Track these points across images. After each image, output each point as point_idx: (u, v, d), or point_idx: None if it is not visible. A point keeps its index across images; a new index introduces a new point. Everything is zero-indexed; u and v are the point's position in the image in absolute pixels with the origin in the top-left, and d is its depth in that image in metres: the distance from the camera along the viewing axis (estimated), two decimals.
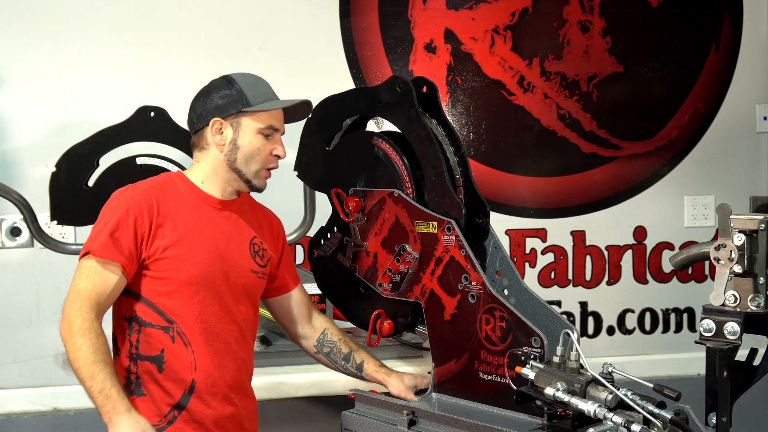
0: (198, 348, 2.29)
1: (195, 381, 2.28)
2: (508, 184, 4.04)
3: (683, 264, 2.31)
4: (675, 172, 4.18)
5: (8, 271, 3.60)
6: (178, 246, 2.25)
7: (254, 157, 2.33)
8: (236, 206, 2.43)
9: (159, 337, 2.27)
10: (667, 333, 4.19)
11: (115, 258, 2.19)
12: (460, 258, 2.28)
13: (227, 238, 2.37)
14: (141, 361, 2.27)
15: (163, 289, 2.25)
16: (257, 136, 2.32)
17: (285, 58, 3.80)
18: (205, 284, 2.28)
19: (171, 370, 2.27)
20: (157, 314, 2.26)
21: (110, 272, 2.19)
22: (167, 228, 2.25)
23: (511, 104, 4.02)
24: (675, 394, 1.90)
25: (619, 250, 4.15)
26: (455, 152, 2.41)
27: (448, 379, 2.34)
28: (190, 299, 2.27)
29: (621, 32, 4.07)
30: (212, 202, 2.37)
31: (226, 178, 2.36)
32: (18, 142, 3.56)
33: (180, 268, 2.25)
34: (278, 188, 3.30)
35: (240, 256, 2.39)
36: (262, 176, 2.36)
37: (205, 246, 2.30)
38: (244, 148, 2.32)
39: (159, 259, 2.24)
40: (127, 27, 3.65)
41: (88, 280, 2.19)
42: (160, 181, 2.36)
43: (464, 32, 3.95)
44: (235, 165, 2.33)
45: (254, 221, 2.49)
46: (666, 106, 4.16)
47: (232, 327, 2.37)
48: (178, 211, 2.29)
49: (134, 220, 2.21)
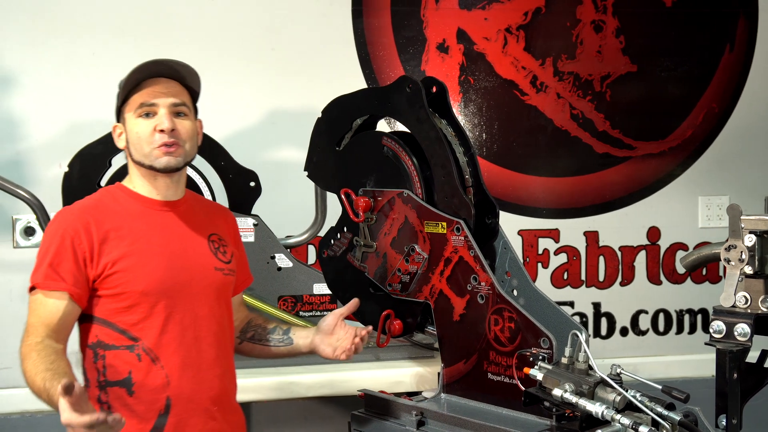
0: (168, 362, 2.14)
1: (170, 399, 2.13)
2: (520, 185, 4.02)
3: (694, 265, 2.30)
4: (689, 173, 4.15)
5: (23, 270, 3.57)
6: (128, 257, 2.12)
7: (138, 143, 2.17)
8: (184, 205, 2.29)
9: (125, 359, 2.11)
10: (681, 334, 4.16)
11: (59, 286, 2.06)
12: (469, 258, 2.28)
13: (180, 239, 2.23)
14: (110, 388, 2.12)
15: (120, 306, 2.11)
16: (137, 121, 2.17)
17: (297, 59, 3.80)
18: (165, 292, 2.14)
19: (142, 392, 2.11)
20: (118, 334, 2.11)
21: (56, 300, 2.07)
22: (112, 242, 2.12)
23: (524, 104, 4.00)
24: (683, 395, 1.89)
25: (633, 250, 4.13)
26: (465, 152, 2.41)
27: (457, 379, 2.34)
28: (151, 311, 2.12)
29: (635, 32, 4.05)
30: (155, 204, 2.23)
31: (143, 174, 2.22)
32: (32, 143, 3.57)
33: (134, 280, 2.11)
34: (289, 188, 3.34)
35: (199, 255, 2.25)
36: (156, 156, 2.16)
37: (157, 252, 2.16)
38: (131, 139, 2.19)
39: (110, 275, 2.10)
40: (140, 27, 3.65)
41: (35, 314, 2.08)
42: (97, 196, 2.26)
43: (477, 32, 3.94)
44: (134, 158, 2.20)
45: (208, 217, 2.36)
46: (680, 105, 4.13)
47: (205, 333, 2.21)
48: (122, 223, 2.16)
49: (71, 243, 2.08)
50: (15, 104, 3.57)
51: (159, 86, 2.20)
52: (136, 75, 2.17)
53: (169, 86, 2.22)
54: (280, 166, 3.67)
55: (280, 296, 3.15)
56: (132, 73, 2.17)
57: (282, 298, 3.15)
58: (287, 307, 3.14)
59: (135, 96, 2.19)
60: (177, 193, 2.27)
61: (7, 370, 3.55)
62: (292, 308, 3.15)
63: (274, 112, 3.79)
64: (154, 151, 2.16)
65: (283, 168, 3.63)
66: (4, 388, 3.54)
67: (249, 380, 2.95)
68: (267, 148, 3.79)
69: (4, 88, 3.55)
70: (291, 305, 3.15)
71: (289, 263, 3.16)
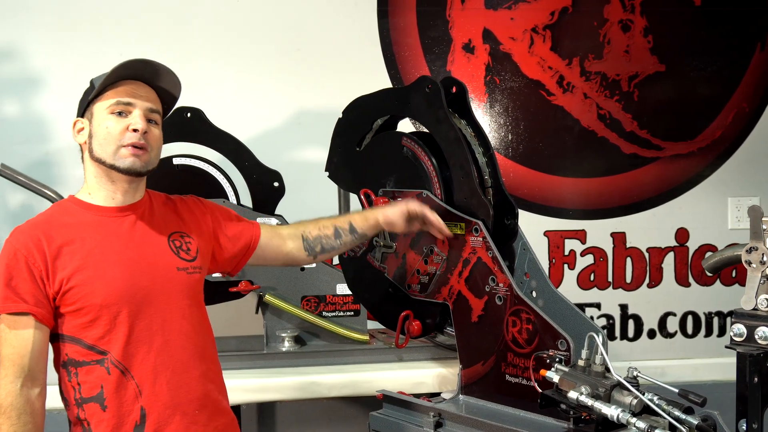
0: (138, 371, 2.08)
1: (144, 408, 2.08)
2: (547, 185, 4.00)
3: (715, 267, 2.27)
4: (719, 173, 4.10)
5: None
6: (83, 271, 2.04)
7: (107, 138, 2.08)
8: (142, 208, 2.20)
9: (96, 374, 2.05)
10: (710, 337, 4.11)
11: (20, 308, 2.00)
12: (487, 259, 2.27)
13: (138, 244, 2.14)
14: (86, 405, 2.05)
15: (83, 321, 2.04)
16: (108, 117, 2.08)
17: (322, 59, 3.82)
18: (126, 300, 2.06)
19: (114, 405, 2.05)
20: (86, 350, 2.05)
21: (23, 327, 2.00)
22: (65, 257, 2.04)
23: (551, 104, 3.98)
24: (700, 399, 1.86)
25: (661, 252, 4.08)
26: (484, 152, 2.40)
27: (476, 381, 2.33)
28: (114, 322, 2.05)
29: (663, 31, 4.01)
30: (109, 212, 2.14)
31: (102, 175, 2.12)
32: (60, 143, 3.62)
33: (92, 293, 2.03)
34: (314, 188, 3.34)
35: (159, 258, 2.16)
36: (123, 155, 2.08)
37: (113, 261, 2.08)
38: (97, 133, 2.09)
39: (67, 291, 2.03)
40: (166, 28, 3.69)
41: (6, 344, 2.00)
42: (49, 212, 2.17)
43: (503, 32, 3.92)
44: (95, 154, 2.10)
45: (169, 216, 2.26)
46: (709, 105, 4.08)
47: (176, 336, 2.14)
48: (74, 235, 2.08)
49: (25, 262, 2.01)
50: (43, 105, 3.62)
51: (138, 89, 2.14)
52: (120, 71, 2.10)
53: (147, 91, 2.16)
54: (306, 166, 3.68)
55: (303, 296, 3.15)
56: (118, 67, 2.10)
57: (305, 298, 3.15)
58: (310, 307, 3.15)
59: (111, 92, 2.11)
60: (135, 196, 2.18)
61: None
62: (315, 308, 3.15)
63: (299, 112, 3.80)
64: (122, 150, 2.08)
65: (309, 168, 3.63)
66: None
67: (271, 380, 2.97)
68: (292, 149, 3.80)
69: (32, 90, 3.61)
70: (314, 305, 3.16)
71: (312, 264, 3.16)
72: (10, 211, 3.59)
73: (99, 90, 2.10)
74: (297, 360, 3.11)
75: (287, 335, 3.12)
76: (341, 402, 3.38)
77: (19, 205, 3.58)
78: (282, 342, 3.12)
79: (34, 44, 3.61)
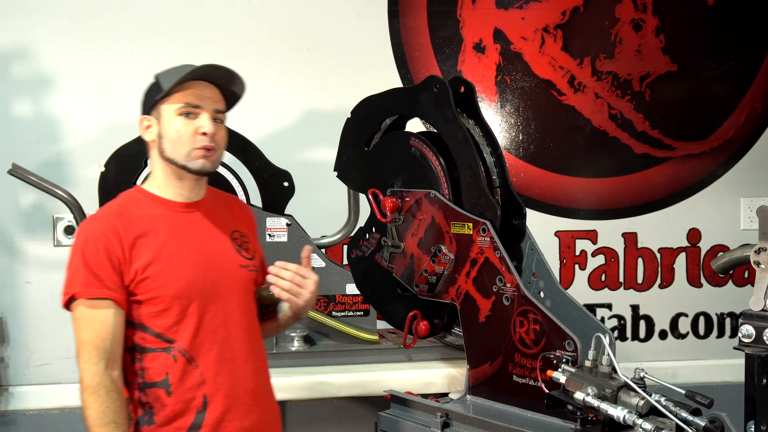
0: (203, 361, 2.16)
1: (206, 397, 2.16)
2: (557, 185, 3.99)
3: (725, 268, 2.26)
4: (731, 173, 4.09)
5: (63, 268, 3.64)
6: (158, 262, 2.12)
7: (177, 140, 2.15)
8: (206, 204, 2.28)
9: (161, 360, 2.13)
10: (722, 338, 4.09)
11: (102, 293, 2.06)
12: (494, 260, 2.26)
13: (206, 240, 2.23)
14: (149, 389, 2.14)
15: (154, 310, 2.12)
16: (177, 118, 2.15)
17: (333, 59, 3.81)
18: (196, 293, 2.15)
19: (179, 391, 2.14)
20: (155, 337, 2.13)
21: (104, 310, 2.07)
22: (140, 247, 2.12)
23: (562, 104, 3.97)
24: (707, 401, 1.85)
25: (672, 252, 4.06)
26: (492, 152, 2.40)
27: (483, 381, 2.33)
28: (184, 313, 2.14)
29: (675, 30, 3.99)
30: (178, 207, 2.23)
31: (172, 173, 2.20)
32: (71, 143, 3.63)
33: (165, 284, 2.12)
34: (323, 188, 3.35)
35: (224, 254, 2.25)
36: (194, 156, 2.16)
37: (185, 254, 2.17)
38: (167, 134, 2.16)
39: (142, 281, 2.11)
40: (177, 28, 3.70)
41: (87, 328, 2.07)
42: (121, 202, 2.23)
43: (514, 32, 3.92)
44: (165, 154, 2.17)
45: (229, 214, 2.35)
46: (722, 105, 4.07)
47: (236, 330, 2.22)
48: (147, 227, 2.16)
49: (105, 249, 2.07)
50: (55, 105, 3.63)
51: (206, 90, 2.20)
52: (191, 75, 2.16)
53: (213, 92, 2.22)
54: (316, 166, 3.67)
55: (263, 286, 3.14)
56: (188, 72, 2.16)
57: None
58: (320, 307, 3.15)
59: (179, 94, 2.17)
60: (199, 193, 2.27)
61: (47, 367, 3.62)
62: (325, 308, 3.16)
63: (309, 112, 3.81)
64: (194, 152, 2.15)
65: (319, 168, 3.63)
66: (44, 383, 3.60)
67: (280, 380, 2.95)
68: (302, 149, 3.81)
69: (44, 90, 3.62)
70: (324, 305, 3.16)
71: (322, 263, 3.17)
72: (23, 211, 3.61)
73: (167, 91, 2.16)
74: (306, 360, 3.11)
75: (296, 335, 3.12)
76: (351, 402, 3.37)
77: (31, 205, 3.60)
78: (291, 342, 3.13)
79: (46, 44, 3.61)
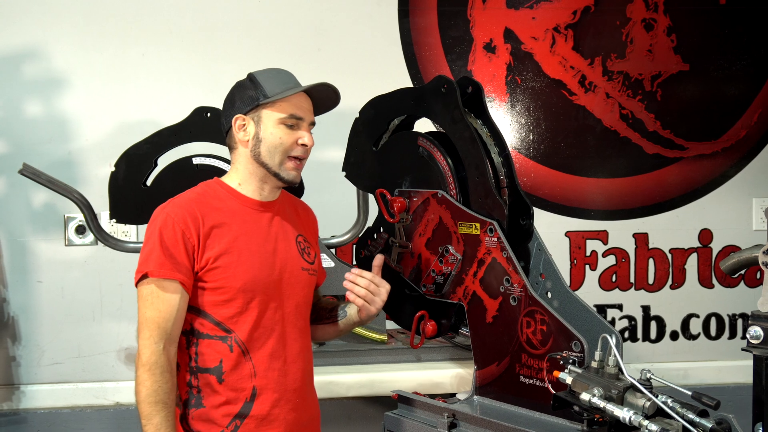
0: (257, 355, 2.24)
1: (256, 388, 2.24)
2: (568, 186, 3.98)
3: (733, 269, 2.25)
4: (743, 174, 4.06)
5: (74, 268, 3.70)
6: (229, 254, 2.21)
7: (277, 148, 2.25)
8: (278, 206, 2.37)
9: (217, 348, 2.22)
10: (734, 339, 4.07)
11: (174, 275, 2.14)
12: (501, 260, 2.26)
13: (274, 239, 2.31)
14: (201, 374, 2.22)
15: (218, 299, 2.20)
16: (279, 126, 2.25)
17: (343, 59, 3.82)
18: (260, 289, 2.23)
19: (231, 380, 2.22)
20: (214, 325, 2.21)
21: (171, 292, 2.15)
22: (215, 237, 2.21)
23: (572, 104, 3.96)
24: (713, 402, 1.84)
25: (684, 253, 4.05)
26: (500, 152, 2.39)
27: (490, 382, 2.32)
28: (246, 306, 2.22)
29: (687, 30, 3.97)
30: (253, 204, 2.31)
31: (258, 174, 2.29)
32: (83, 143, 3.65)
33: (233, 276, 2.20)
34: (332, 188, 3.34)
35: (289, 256, 2.33)
36: (288, 167, 2.27)
37: (255, 251, 2.25)
38: (266, 140, 2.25)
39: (211, 270, 2.19)
40: (188, 29, 3.72)
41: (152, 307, 2.15)
42: (200, 191, 2.31)
43: (524, 31, 3.91)
44: (260, 158, 2.26)
45: (296, 219, 2.43)
46: (734, 105, 4.04)
47: (291, 329, 2.31)
48: (223, 219, 2.24)
49: (182, 234, 2.17)
50: (67, 105, 3.66)
51: (305, 102, 2.30)
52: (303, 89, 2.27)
53: (310, 103, 2.33)
54: (326, 166, 3.67)
55: (323, 296, 3.15)
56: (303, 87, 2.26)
57: (324, 297, 3.15)
58: None
59: (284, 104, 2.26)
60: (275, 195, 2.37)
61: (58, 365, 3.64)
62: None
63: None
64: (289, 162, 2.27)
65: (329, 168, 3.63)
66: (55, 382, 3.63)
67: None
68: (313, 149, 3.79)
69: (56, 90, 3.64)
70: None
71: (331, 263, 3.17)
72: (34, 211, 3.63)
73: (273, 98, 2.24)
74: (315, 359, 3.06)
75: None
76: (361, 402, 3.37)
77: (42, 204, 3.62)
78: None
79: (57, 45, 3.64)
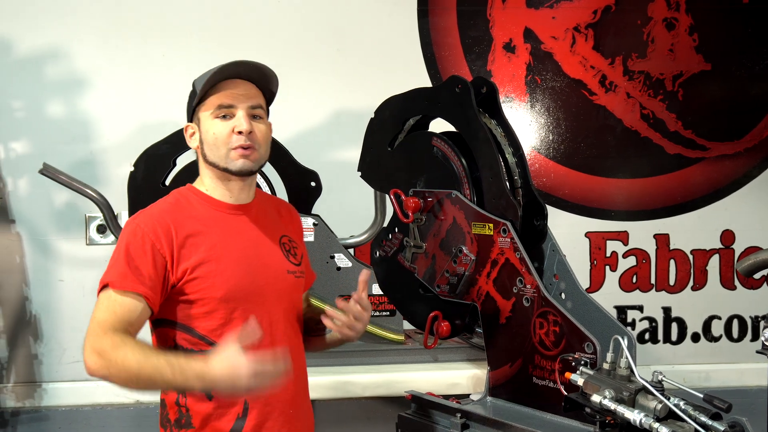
0: None
1: (247, 402, 2.13)
2: (588, 186, 3.96)
3: (750, 270, 2.23)
4: (766, 174, 4.02)
5: (95, 266, 3.72)
6: (207, 263, 2.09)
7: (215, 143, 2.13)
8: (255, 208, 2.26)
9: None
10: (756, 341, 4.02)
11: (136, 288, 2.01)
12: (515, 260, 2.25)
13: (254, 243, 2.21)
14: (189, 392, 2.10)
15: (199, 311, 2.09)
16: (213, 121, 2.14)
17: (363, 59, 3.82)
18: (243, 297, 2.12)
19: (220, 396, 2.10)
20: (198, 339, 2.09)
21: (130, 304, 2.01)
22: (190, 247, 2.09)
23: (593, 104, 3.93)
24: (725, 405, 1.83)
25: (705, 254, 4.01)
26: (514, 153, 2.39)
27: (503, 383, 2.32)
28: (230, 316, 2.10)
29: (709, 29, 3.94)
30: (228, 208, 2.20)
31: (215, 176, 2.18)
32: (104, 143, 3.68)
33: (213, 286, 2.08)
34: (350, 189, 3.35)
35: (273, 259, 2.22)
36: (233, 157, 2.13)
37: (234, 257, 2.13)
38: (206, 139, 2.15)
39: (190, 281, 2.07)
40: (209, 30, 3.73)
41: (107, 311, 2.00)
42: (172, 200, 2.20)
43: (544, 31, 3.89)
44: (208, 159, 2.16)
45: (278, 219, 2.33)
46: (757, 105, 4.00)
47: (279, 336, 2.18)
48: (198, 227, 2.13)
49: (152, 246, 2.05)
50: (88, 105, 3.68)
51: (238, 88, 2.18)
52: (217, 75, 2.15)
53: (247, 88, 2.20)
54: (344, 165, 3.68)
55: (340, 296, 3.14)
56: (213, 74, 2.14)
57: (342, 297, 3.15)
58: None
59: (212, 97, 2.16)
60: (249, 195, 2.24)
61: (80, 363, 3.63)
62: None
63: (339, 112, 3.82)
64: (231, 153, 2.13)
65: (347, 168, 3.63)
66: (76, 380, 3.65)
67: None
68: (331, 148, 3.82)
69: (78, 90, 3.67)
70: None
71: (349, 263, 3.17)
72: (56, 210, 3.67)
73: (201, 96, 2.16)
74: (332, 359, 3.11)
75: None
76: (378, 402, 3.38)
77: (64, 204, 3.65)
78: None
79: (79, 46, 3.66)
